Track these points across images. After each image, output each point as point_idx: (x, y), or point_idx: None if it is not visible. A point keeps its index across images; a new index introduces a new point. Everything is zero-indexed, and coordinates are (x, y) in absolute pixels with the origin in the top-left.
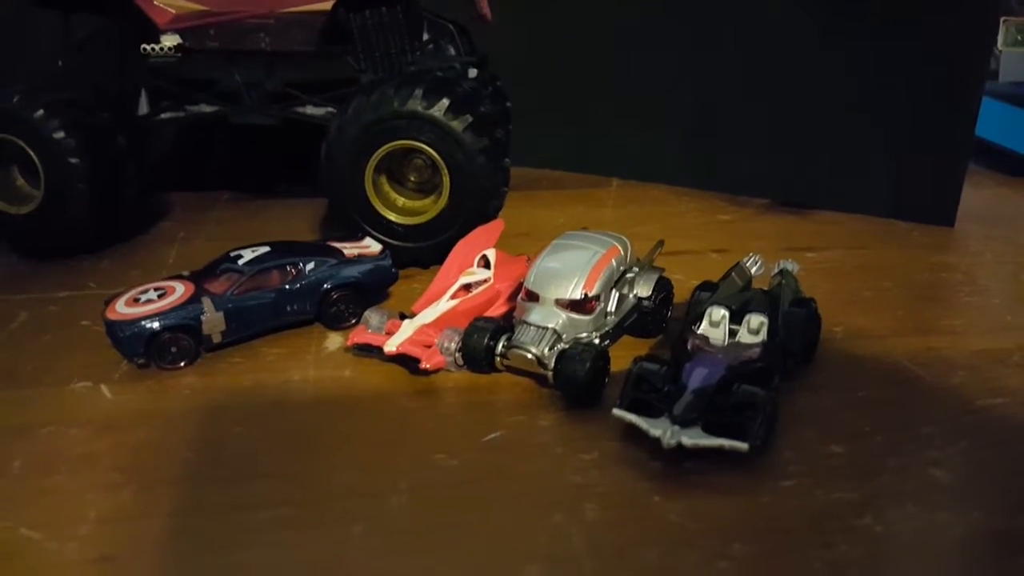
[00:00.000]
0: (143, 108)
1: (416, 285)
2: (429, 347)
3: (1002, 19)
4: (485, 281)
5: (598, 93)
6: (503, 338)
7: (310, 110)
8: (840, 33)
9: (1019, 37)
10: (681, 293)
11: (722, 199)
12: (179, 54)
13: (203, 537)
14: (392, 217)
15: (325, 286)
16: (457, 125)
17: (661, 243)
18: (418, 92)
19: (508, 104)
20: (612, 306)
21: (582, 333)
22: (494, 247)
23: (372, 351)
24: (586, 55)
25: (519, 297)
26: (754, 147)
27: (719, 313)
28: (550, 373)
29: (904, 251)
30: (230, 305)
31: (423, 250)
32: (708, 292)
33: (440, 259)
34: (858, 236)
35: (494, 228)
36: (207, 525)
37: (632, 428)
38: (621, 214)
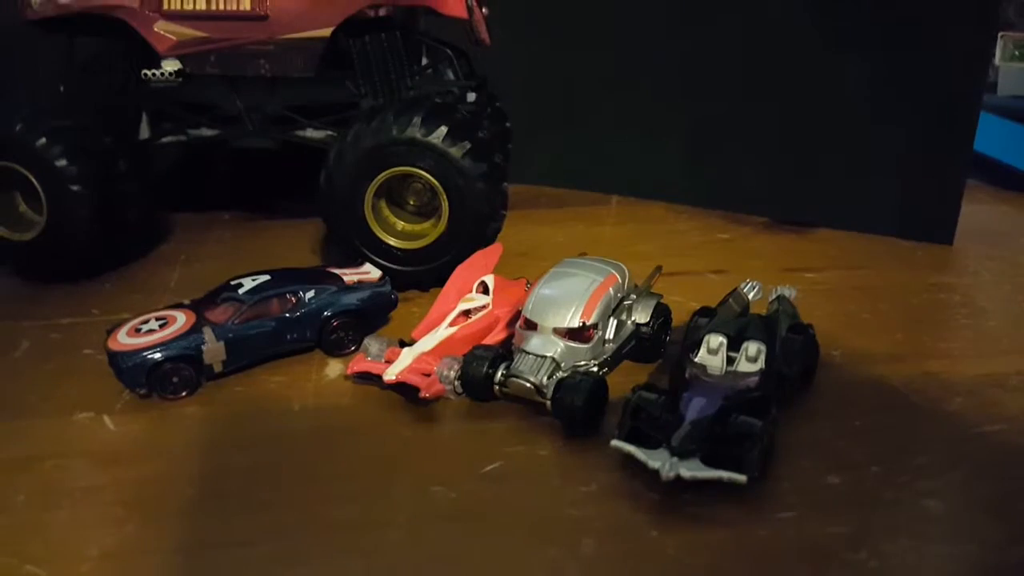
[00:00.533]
0: (144, 132)
1: (415, 309)
2: (428, 375)
3: (1000, 34)
4: (484, 307)
5: (597, 110)
6: (502, 366)
7: (310, 133)
8: (839, 52)
9: (1017, 52)
10: (680, 315)
11: (721, 217)
12: (180, 79)
13: (205, 573)
14: (391, 241)
15: (325, 314)
16: (456, 152)
17: (659, 268)
18: (417, 119)
19: (508, 124)
20: (610, 333)
21: (580, 361)
22: (493, 271)
23: (372, 379)
24: (585, 73)
25: (517, 325)
26: (753, 165)
27: (717, 341)
28: (548, 402)
29: (902, 271)
30: (231, 335)
31: (422, 274)
32: (706, 318)
33: (439, 282)
34: (856, 255)
35: (493, 252)
36: (209, 561)
37: (630, 458)
38: (621, 232)
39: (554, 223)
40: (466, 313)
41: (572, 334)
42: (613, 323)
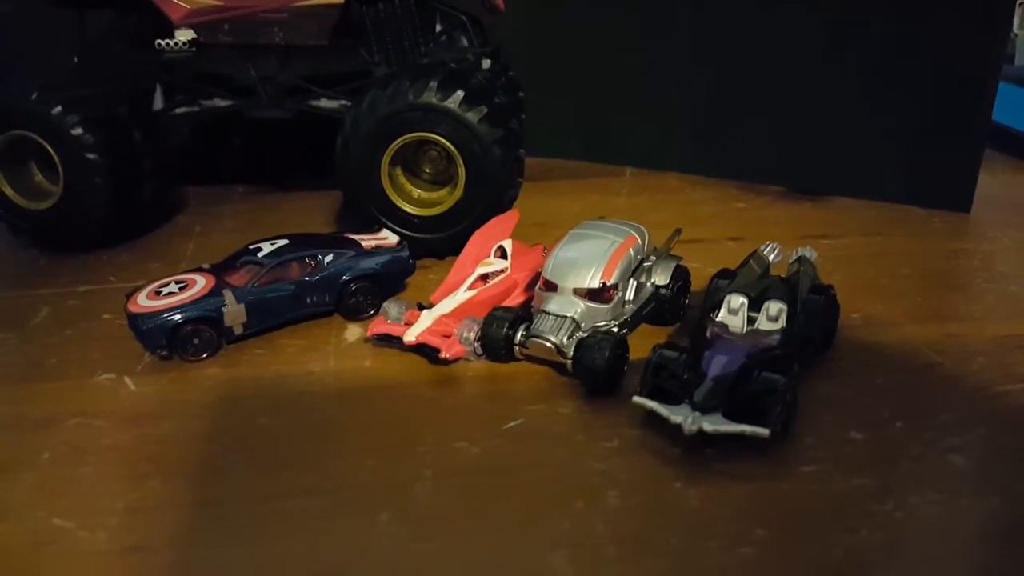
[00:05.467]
0: (158, 103)
1: (432, 276)
2: (448, 337)
3: (1019, 3)
4: (502, 271)
5: (611, 82)
6: (522, 327)
7: (324, 103)
8: (856, 18)
9: None
10: (698, 281)
11: (737, 187)
12: (193, 49)
13: (230, 527)
14: (408, 209)
15: (344, 278)
16: (472, 116)
17: (678, 231)
18: (433, 84)
19: (521, 94)
20: (630, 295)
21: (601, 322)
22: (510, 237)
23: (391, 342)
24: (599, 44)
25: (537, 287)
26: (769, 134)
27: (738, 301)
28: (569, 362)
29: (921, 238)
30: (251, 297)
31: (439, 241)
32: (726, 280)
33: (456, 250)
34: (874, 223)
35: (509, 218)
36: (234, 515)
37: (652, 415)
38: (635, 203)
39: (569, 194)
40: (484, 277)
41: (592, 295)
42: (633, 284)
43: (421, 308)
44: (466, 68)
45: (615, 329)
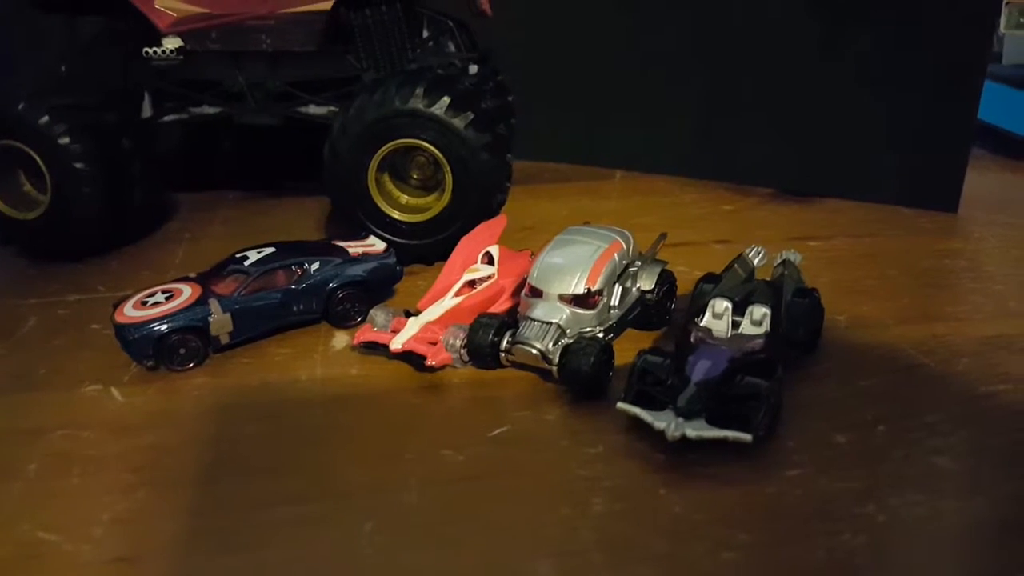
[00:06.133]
0: (147, 110)
1: (420, 282)
2: (434, 344)
3: (1005, 2)
4: (489, 277)
5: (601, 85)
6: (507, 334)
7: (313, 109)
8: (843, 19)
9: (1022, 19)
10: (684, 285)
11: (725, 189)
12: (181, 56)
13: (217, 536)
14: (396, 215)
15: (331, 285)
16: (459, 122)
17: (664, 236)
18: (419, 90)
19: (510, 98)
20: (615, 300)
21: (586, 328)
22: (497, 243)
23: (378, 349)
24: (588, 47)
25: (523, 293)
26: (757, 136)
27: (722, 305)
28: (555, 368)
29: (908, 238)
30: (237, 306)
31: (427, 247)
32: (711, 284)
33: (444, 256)
34: (861, 224)
35: (497, 224)
36: (221, 524)
37: (637, 421)
38: (625, 206)
39: (557, 198)
40: (471, 283)
41: (577, 300)
42: (618, 289)
43: (408, 315)
44: (453, 73)
45: (600, 335)
